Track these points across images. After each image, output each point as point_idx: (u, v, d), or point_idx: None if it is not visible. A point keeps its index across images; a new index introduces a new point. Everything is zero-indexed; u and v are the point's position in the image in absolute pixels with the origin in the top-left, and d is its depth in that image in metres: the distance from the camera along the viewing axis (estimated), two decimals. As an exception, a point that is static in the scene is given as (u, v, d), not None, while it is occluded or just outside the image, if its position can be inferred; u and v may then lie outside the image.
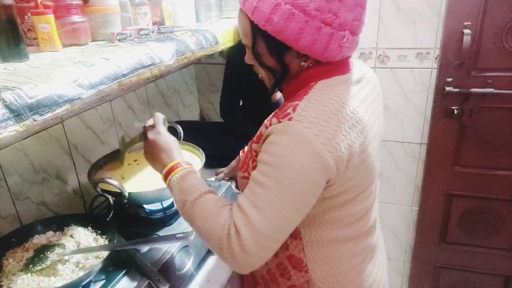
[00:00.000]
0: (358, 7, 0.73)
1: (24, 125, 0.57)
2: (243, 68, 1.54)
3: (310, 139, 0.68)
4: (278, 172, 0.69)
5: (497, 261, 1.95)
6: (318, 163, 0.69)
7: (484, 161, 1.79)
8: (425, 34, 1.68)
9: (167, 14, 1.24)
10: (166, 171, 0.83)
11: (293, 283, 0.87)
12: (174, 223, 1.10)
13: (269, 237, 0.71)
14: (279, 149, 0.70)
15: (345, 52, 0.76)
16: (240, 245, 0.70)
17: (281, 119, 0.72)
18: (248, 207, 0.71)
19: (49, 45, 0.83)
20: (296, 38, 0.71)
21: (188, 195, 0.78)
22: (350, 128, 0.73)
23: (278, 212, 0.70)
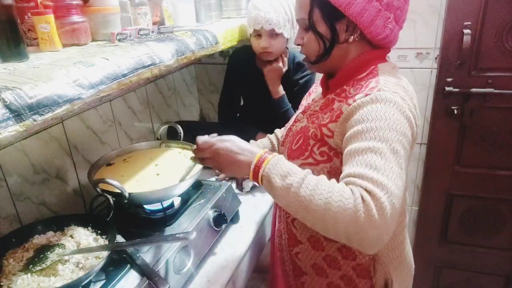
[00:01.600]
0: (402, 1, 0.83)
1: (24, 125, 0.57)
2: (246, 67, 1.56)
3: (400, 103, 0.76)
4: (384, 134, 0.72)
5: (497, 261, 1.95)
6: (410, 125, 0.76)
7: (485, 161, 1.79)
8: (425, 34, 1.68)
9: (167, 14, 1.24)
10: (255, 167, 0.78)
11: (358, 262, 0.90)
12: (174, 223, 1.10)
13: (398, 197, 0.68)
14: (378, 114, 0.74)
15: (388, 34, 0.83)
16: (379, 210, 0.65)
17: (369, 92, 0.77)
18: (371, 173, 0.68)
19: (49, 45, 0.83)
20: (349, 4, 0.79)
21: (292, 178, 0.72)
22: (415, 104, 0.83)
23: (397, 171, 0.70)
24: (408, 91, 0.82)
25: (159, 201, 1.11)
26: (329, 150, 0.84)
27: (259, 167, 0.77)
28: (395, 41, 0.89)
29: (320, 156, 0.84)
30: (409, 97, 0.80)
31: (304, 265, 0.98)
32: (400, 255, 0.95)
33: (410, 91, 0.83)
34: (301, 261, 0.98)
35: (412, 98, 0.81)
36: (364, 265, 0.90)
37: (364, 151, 0.71)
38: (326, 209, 0.67)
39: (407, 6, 0.85)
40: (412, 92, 0.84)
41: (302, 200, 0.70)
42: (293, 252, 0.99)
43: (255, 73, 1.52)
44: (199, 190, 1.24)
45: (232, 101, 1.68)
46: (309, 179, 0.72)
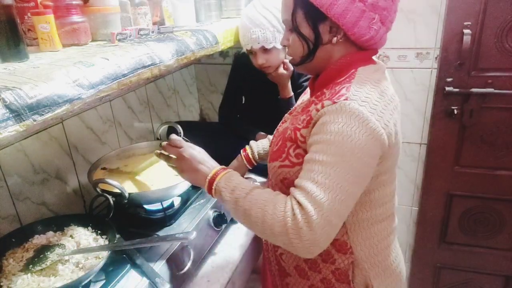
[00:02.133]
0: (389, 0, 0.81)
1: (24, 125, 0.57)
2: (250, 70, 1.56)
3: (367, 115, 0.74)
4: (337, 148, 0.72)
5: (497, 261, 1.95)
6: (375, 138, 0.74)
7: (485, 161, 1.79)
8: (425, 34, 1.68)
9: (167, 14, 1.24)
10: (211, 178, 0.85)
11: (337, 266, 0.90)
12: (174, 223, 1.10)
13: (335, 212, 0.71)
14: (337, 127, 0.73)
15: (373, 35, 0.81)
16: (307, 222, 0.69)
17: (336, 100, 0.76)
18: (309, 185, 0.71)
19: (49, 45, 0.83)
20: (331, 5, 0.78)
21: (239, 192, 0.79)
22: (393, 109, 0.81)
23: (340, 186, 0.71)
24: (384, 97, 0.79)
25: (159, 201, 1.11)
26: (304, 152, 0.83)
27: (213, 180, 0.84)
28: (382, 42, 0.86)
29: (295, 158, 0.84)
30: (383, 104, 0.77)
31: (288, 266, 0.98)
32: (383, 261, 0.93)
33: (388, 95, 0.81)
34: (285, 262, 0.98)
35: (389, 103, 0.79)
36: (342, 270, 0.90)
37: (313, 163, 0.73)
38: (263, 220, 0.74)
39: (394, 6, 0.83)
40: (390, 97, 0.82)
41: (245, 211, 0.77)
42: (278, 252, 1.00)
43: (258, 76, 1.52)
44: (199, 190, 1.24)
45: (233, 102, 1.69)
46: (254, 192, 0.78)
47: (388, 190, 0.90)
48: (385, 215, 0.92)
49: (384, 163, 0.81)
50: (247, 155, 1.22)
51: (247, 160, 1.22)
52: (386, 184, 0.88)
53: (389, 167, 0.85)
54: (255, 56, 1.39)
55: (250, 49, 1.37)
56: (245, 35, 1.34)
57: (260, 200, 0.76)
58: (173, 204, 1.17)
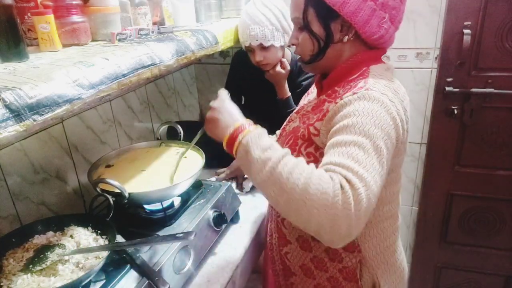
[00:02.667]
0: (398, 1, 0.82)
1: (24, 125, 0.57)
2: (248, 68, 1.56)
3: (388, 103, 0.74)
4: (370, 129, 0.70)
5: (497, 261, 1.95)
6: (395, 127, 0.74)
7: (485, 161, 1.79)
8: (425, 34, 1.68)
9: (167, 14, 1.24)
10: (233, 131, 0.74)
11: (345, 264, 0.90)
12: (174, 223, 1.10)
13: (375, 194, 0.67)
14: (364, 111, 0.72)
15: (382, 34, 0.82)
16: (355, 200, 0.63)
17: (356, 91, 0.76)
18: (352, 164, 0.67)
19: (49, 45, 0.83)
20: (344, 3, 0.79)
21: (272, 152, 0.69)
22: (405, 107, 0.81)
23: (375, 167, 0.68)
24: (399, 94, 0.81)
25: (159, 201, 1.11)
26: (315, 150, 0.83)
27: (237, 133, 0.73)
28: (391, 41, 0.88)
29: (307, 157, 0.84)
30: (398, 100, 0.78)
31: (293, 266, 0.98)
32: (389, 259, 0.94)
33: (400, 93, 0.82)
34: (290, 261, 0.98)
35: (402, 101, 0.80)
36: (350, 268, 0.90)
37: (347, 143, 0.69)
38: (303, 189, 0.64)
39: (403, 6, 0.84)
40: (403, 95, 0.83)
41: (279, 177, 0.66)
42: (283, 252, 0.99)
43: (257, 74, 1.52)
44: (199, 190, 1.24)
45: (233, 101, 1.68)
46: (289, 157, 0.70)
47: (394, 188, 0.91)
48: (390, 213, 0.92)
49: (394, 159, 0.81)
50: None
51: None
52: (393, 182, 0.89)
53: (397, 165, 0.86)
54: (253, 53, 1.40)
55: (248, 46, 1.38)
56: (244, 31, 1.35)
57: (300, 168, 0.67)
58: (173, 204, 1.17)
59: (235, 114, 0.80)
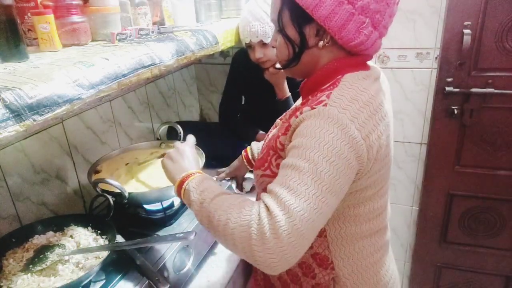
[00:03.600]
0: (383, 3, 0.74)
1: (24, 125, 0.57)
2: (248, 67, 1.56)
3: (347, 123, 0.68)
4: (313, 153, 0.67)
5: (498, 261, 1.95)
6: (353, 148, 0.69)
7: (485, 161, 1.79)
8: (425, 34, 1.68)
9: (167, 14, 1.24)
10: (186, 175, 0.82)
11: (318, 281, 0.87)
12: (174, 223, 1.10)
13: (306, 222, 0.63)
14: (314, 131, 0.68)
15: (362, 40, 0.76)
16: (273, 229, 0.62)
17: (315, 105, 0.72)
18: (280, 190, 0.65)
19: (49, 45, 0.83)
20: (317, 6, 0.73)
21: (207, 194, 0.75)
22: (379, 120, 0.74)
23: (313, 194, 0.65)
24: (368, 107, 0.73)
25: (159, 201, 1.11)
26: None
27: (188, 177, 0.81)
28: (375, 48, 0.80)
29: (276, 168, 0.79)
30: (367, 114, 0.72)
31: (272, 277, 0.95)
32: (370, 279, 0.88)
33: (373, 105, 0.74)
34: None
35: (373, 115, 0.73)
36: (323, 285, 0.87)
37: (288, 167, 0.68)
38: (225, 224, 0.68)
39: (389, 9, 0.76)
40: (376, 107, 0.74)
41: (209, 214, 0.72)
42: None
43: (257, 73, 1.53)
44: (199, 190, 1.24)
45: (234, 101, 1.69)
46: (223, 196, 0.73)
47: (376, 205, 0.84)
48: (372, 230, 0.87)
49: (367, 177, 0.76)
50: (247, 156, 1.22)
51: (247, 161, 1.22)
52: (374, 199, 0.83)
53: (374, 182, 0.80)
54: (253, 50, 1.39)
55: (248, 43, 1.38)
56: (244, 28, 1.35)
57: (226, 204, 0.71)
58: (173, 204, 1.17)
59: (191, 162, 0.88)
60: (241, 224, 0.65)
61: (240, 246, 0.66)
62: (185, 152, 0.89)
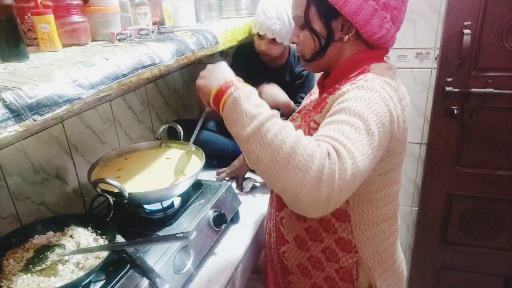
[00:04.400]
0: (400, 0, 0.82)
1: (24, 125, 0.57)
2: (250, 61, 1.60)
3: (386, 96, 0.74)
4: (365, 113, 0.69)
5: (497, 262, 1.95)
6: (390, 121, 0.73)
7: (485, 161, 1.79)
8: (425, 34, 1.68)
9: (167, 14, 1.24)
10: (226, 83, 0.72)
11: (341, 265, 0.91)
12: (174, 223, 1.10)
13: (361, 172, 0.65)
14: (362, 97, 0.72)
15: (384, 34, 0.82)
16: (340, 169, 0.61)
17: (355, 82, 0.76)
18: (343, 139, 0.65)
19: (49, 45, 0.83)
20: (345, 2, 0.79)
21: (263, 109, 0.67)
22: (405, 107, 0.80)
23: (365, 148, 0.67)
24: (398, 92, 0.79)
25: (159, 201, 1.11)
26: None
27: (228, 86, 0.71)
28: (392, 41, 0.88)
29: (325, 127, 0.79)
30: (397, 97, 0.77)
31: (290, 265, 0.98)
32: (387, 261, 0.94)
33: (400, 92, 0.80)
34: (287, 260, 0.98)
35: (401, 100, 0.78)
36: (346, 268, 0.90)
37: (340, 122, 0.68)
38: (290, 148, 0.61)
39: (404, 7, 0.84)
40: (403, 94, 0.81)
41: (266, 133, 0.64)
42: (280, 251, 1.00)
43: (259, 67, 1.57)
44: (199, 190, 1.24)
45: None
46: (279, 118, 0.68)
47: (394, 189, 0.90)
48: (389, 214, 0.92)
49: (392, 158, 0.81)
50: None
51: None
52: (393, 183, 0.89)
53: (396, 165, 0.86)
54: (261, 41, 1.47)
55: (261, 34, 1.44)
56: (264, 21, 1.41)
57: (289, 129, 0.65)
58: (173, 204, 1.17)
59: (228, 73, 0.77)
60: (309, 154, 0.61)
61: (300, 177, 0.61)
62: (221, 65, 0.80)
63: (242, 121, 0.66)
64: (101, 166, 1.19)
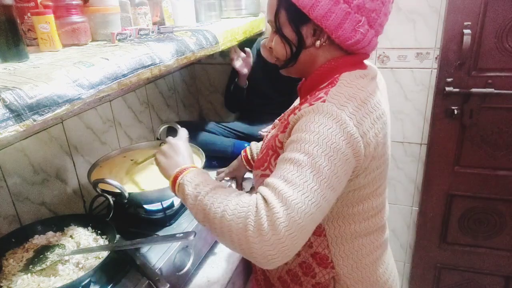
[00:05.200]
0: (378, 1, 0.75)
1: (24, 125, 0.57)
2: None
3: (346, 119, 0.69)
4: (311, 147, 0.67)
5: (497, 262, 1.95)
6: (351, 144, 0.69)
7: (485, 161, 1.79)
8: (425, 34, 1.68)
9: (167, 14, 1.24)
10: (180, 170, 0.80)
11: (318, 280, 0.87)
12: (174, 223, 1.10)
13: (304, 216, 0.63)
14: (313, 126, 0.69)
15: (359, 39, 0.76)
16: (270, 221, 0.61)
17: (313, 102, 0.73)
18: (278, 182, 0.65)
19: (49, 45, 0.83)
20: (313, 6, 0.74)
21: (203, 187, 0.73)
22: (377, 118, 0.75)
23: (312, 187, 0.65)
24: (367, 105, 0.74)
25: (159, 201, 1.11)
26: None
27: (183, 171, 0.80)
28: (372, 46, 0.80)
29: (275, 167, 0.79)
30: (364, 112, 0.73)
31: (272, 277, 0.96)
32: (370, 277, 0.89)
33: (371, 104, 0.75)
34: (269, 272, 0.96)
35: (370, 113, 0.74)
36: (323, 284, 0.87)
37: (286, 161, 0.68)
38: (221, 217, 0.67)
39: (385, 8, 0.77)
40: (374, 105, 0.75)
41: (204, 207, 0.70)
42: None
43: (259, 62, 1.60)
44: (199, 190, 1.24)
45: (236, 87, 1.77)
46: (219, 189, 0.72)
47: (374, 204, 0.85)
48: (371, 229, 0.87)
49: (364, 175, 0.77)
50: (246, 156, 1.22)
51: (247, 161, 1.22)
52: (371, 197, 0.84)
53: (372, 181, 0.80)
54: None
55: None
56: None
57: (222, 196, 0.70)
58: (173, 204, 1.17)
59: (186, 157, 0.86)
60: (238, 216, 0.64)
61: (237, 239, 0.64)
62: (179, 147, 0.88)
63: (188, 202, 0.75)
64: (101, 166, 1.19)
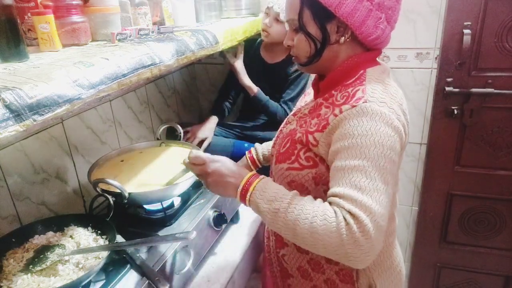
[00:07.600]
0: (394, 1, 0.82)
1: (24, 125, 0.57)
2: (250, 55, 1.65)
3: (387, 114, 0.75)
4: (370, 151, 0.72)
5: (497, 261, 1.95)
6: (399, 137, 0.76)
7: (485, 161, 1.79)
8: (425, 34, 1.68)
9: (167, 14, 1.24)
10: (242, 191, 0.81)
11: (341, 267, 0.90)
12: (174, 223, 1.10)
13: (383, 215, 0.70)
14: (364, 130, 0.73)
15: (379, 34, 0.82)
16: (362, 232, 0.68)
17: (355, 103, 0.76)
18: (353, 193, 0.70)
19: (49, 45, 0.83)
20: (340, 4, 0.78)
21: (278, 203, 0.76)
22: (405, 109, 0.82)
23: (380, 188, 0.71)
24: (396, 97, 0.80)
25: (159, 201, 1.11)
26: (315, 156, 0.83)
27: (246, 192, 0.81)
28: (387, 41, 0.87)
29: (306, 161, 0.84)
30: (397, 104, 0.78)
31: (290, 268, 0.97)
32: (386, 261, 0.94)
33: (398, 97, 0.81)
34: (287, 263, 0.98)
35: (400, 105, 0.80)
36: (347, 270, 0.90)
37: (350, 169, 0.72)
38: (312, 232, 0.71)
39: (398, 6, 0.84)
40: (400, 98, 0.82)
41: (289, 224, 0.73)
42: (280, 254, 0.99)
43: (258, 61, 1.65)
44: (199, 190, 1.24)
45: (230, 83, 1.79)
46: (295, 203, 0.75)
47: (394, 189, 0.89)
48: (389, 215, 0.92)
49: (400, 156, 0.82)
50: (252, 157, 1.22)
51: (252, 162, 1.22)
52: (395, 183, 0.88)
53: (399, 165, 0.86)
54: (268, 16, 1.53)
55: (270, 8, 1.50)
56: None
57: (305, 211, 0.73)
58: (173, 204, 1.17)
59: (239, 172, 0.84)
60: (330, 231, 0.69)
61: (332, 250, 0.70)
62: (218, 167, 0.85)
63: (267, 219, 0.77)
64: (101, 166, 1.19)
